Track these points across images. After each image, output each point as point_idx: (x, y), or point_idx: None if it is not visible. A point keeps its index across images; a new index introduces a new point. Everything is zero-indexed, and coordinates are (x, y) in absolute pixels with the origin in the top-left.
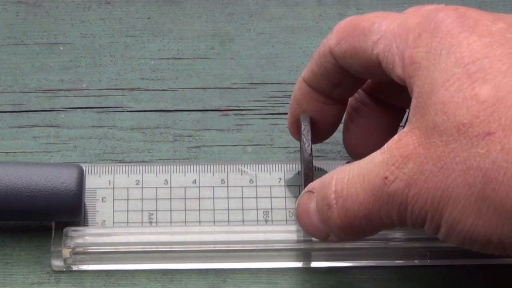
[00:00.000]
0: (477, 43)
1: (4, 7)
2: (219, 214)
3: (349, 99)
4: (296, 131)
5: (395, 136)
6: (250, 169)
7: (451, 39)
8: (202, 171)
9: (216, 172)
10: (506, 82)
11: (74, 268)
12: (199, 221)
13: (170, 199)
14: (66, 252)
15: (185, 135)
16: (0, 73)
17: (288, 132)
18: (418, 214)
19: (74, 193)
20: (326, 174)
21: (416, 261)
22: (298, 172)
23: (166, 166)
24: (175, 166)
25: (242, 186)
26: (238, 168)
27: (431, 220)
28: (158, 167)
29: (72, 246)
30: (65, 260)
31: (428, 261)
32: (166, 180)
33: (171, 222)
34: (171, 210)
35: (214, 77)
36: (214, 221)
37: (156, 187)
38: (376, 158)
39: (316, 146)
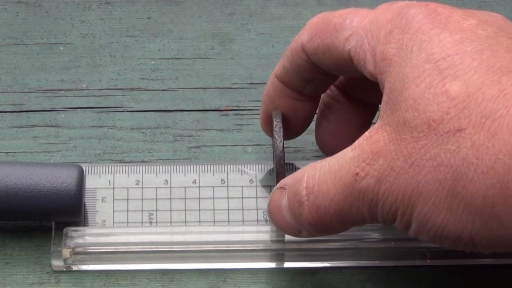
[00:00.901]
0: (448, 39)
1: (4, 7)
2: (219, 214)
3: (322, 95)
4: (268, 128)
5: (366, 133)
6: (250, 169)
7: (422, 35)
8: (202, 171)
9: (216, 172)
10: (477, 78)
11: (74, 268)
12: (199, 221)
13: (170, 199)
14: (66, 252)
15: (185, 135)
16: (0, 73)
17: None
18: (389, 211)
19: (74, 193)
20: (298, 170)
21: (416, 261)
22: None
23: (166, 166)
24: (175, 166)
25: (242, 186)
26: (238, 168)
27: (401, 217)
28: (158, 167)
29: (72, 246)
30: (65, 260)
31: (428, 261)
32: (166, 180)
33: (171, 222)
34: (171, 210)
35: (214, 77)
36: (214, 221)
37: (156, 187)
38: (347, 154)
39: (316, 147)
